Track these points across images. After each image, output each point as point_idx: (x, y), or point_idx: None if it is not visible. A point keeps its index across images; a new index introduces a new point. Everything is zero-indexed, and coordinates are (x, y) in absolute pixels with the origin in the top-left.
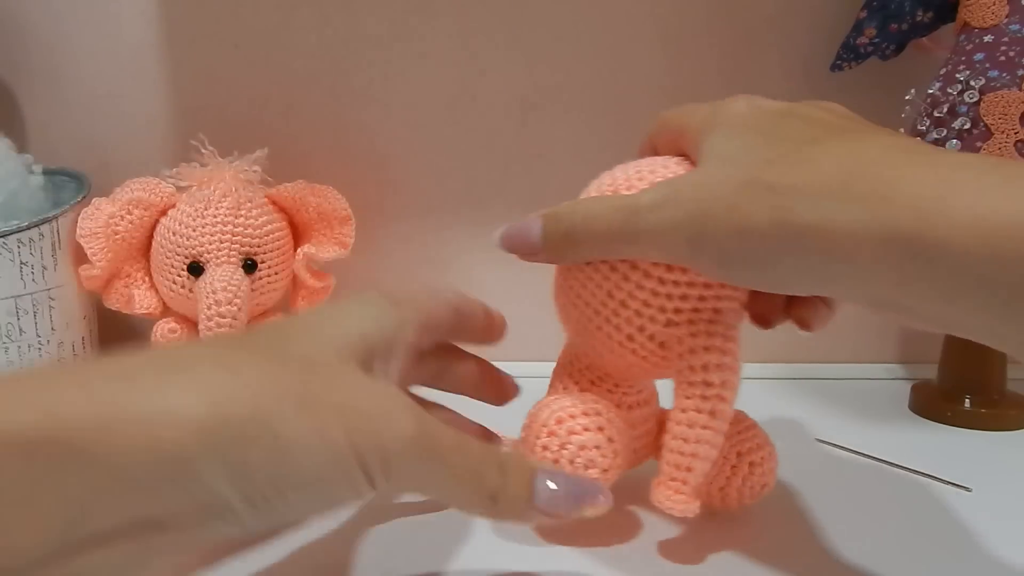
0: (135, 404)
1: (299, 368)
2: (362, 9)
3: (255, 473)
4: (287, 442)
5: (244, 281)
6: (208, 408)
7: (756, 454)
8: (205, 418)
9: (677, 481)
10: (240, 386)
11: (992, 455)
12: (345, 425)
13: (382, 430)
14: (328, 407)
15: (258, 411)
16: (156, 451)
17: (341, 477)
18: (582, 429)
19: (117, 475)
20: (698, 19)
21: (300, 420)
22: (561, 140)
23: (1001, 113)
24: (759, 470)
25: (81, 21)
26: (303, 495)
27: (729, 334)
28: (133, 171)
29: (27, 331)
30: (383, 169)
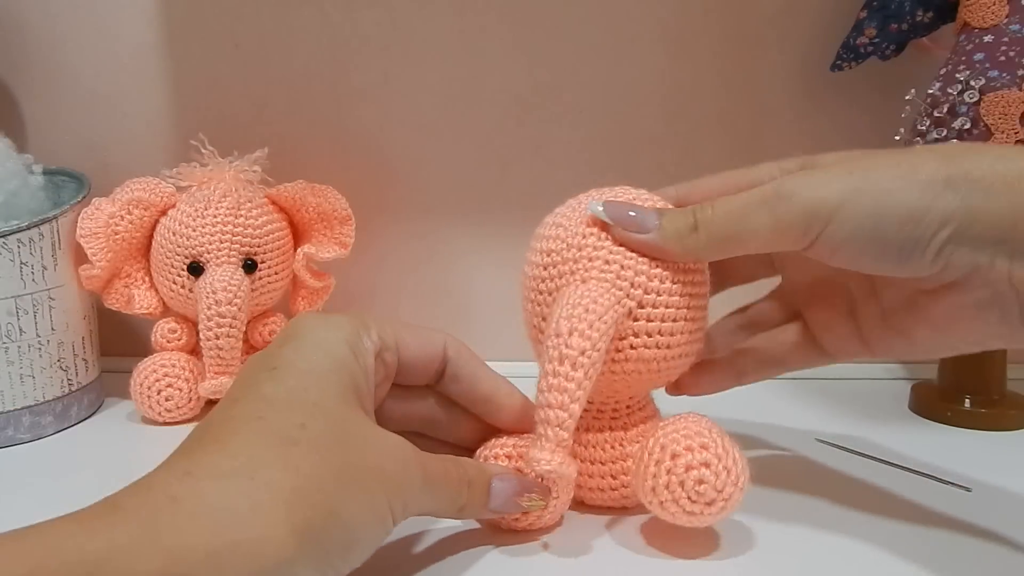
0: (234, 529)
1: (331, 436)
2: (362, 9)
3: (333, 556)
4: (352, 523)
5: (244, 281)
6: (294, 513)
7: (679, 444)
8: (296, 525)
9: (540, 437)
10: (307, 485)
11: (992, 455)
12: (384, 490)
13: (404, 485)
14: (368, 477)
15: (328, 501)
16: (265, 567)
17: (382, 531)
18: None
19: None
20: (698, 19)
21: (356, 501)
22: (561, 140)
23: (1001, 113)
24: (683, 461)
25: (81, 21)
26: (360, 556)
27: (585, 292)
28: (133, 171)
29: (27, 331)
30: (383, 169)
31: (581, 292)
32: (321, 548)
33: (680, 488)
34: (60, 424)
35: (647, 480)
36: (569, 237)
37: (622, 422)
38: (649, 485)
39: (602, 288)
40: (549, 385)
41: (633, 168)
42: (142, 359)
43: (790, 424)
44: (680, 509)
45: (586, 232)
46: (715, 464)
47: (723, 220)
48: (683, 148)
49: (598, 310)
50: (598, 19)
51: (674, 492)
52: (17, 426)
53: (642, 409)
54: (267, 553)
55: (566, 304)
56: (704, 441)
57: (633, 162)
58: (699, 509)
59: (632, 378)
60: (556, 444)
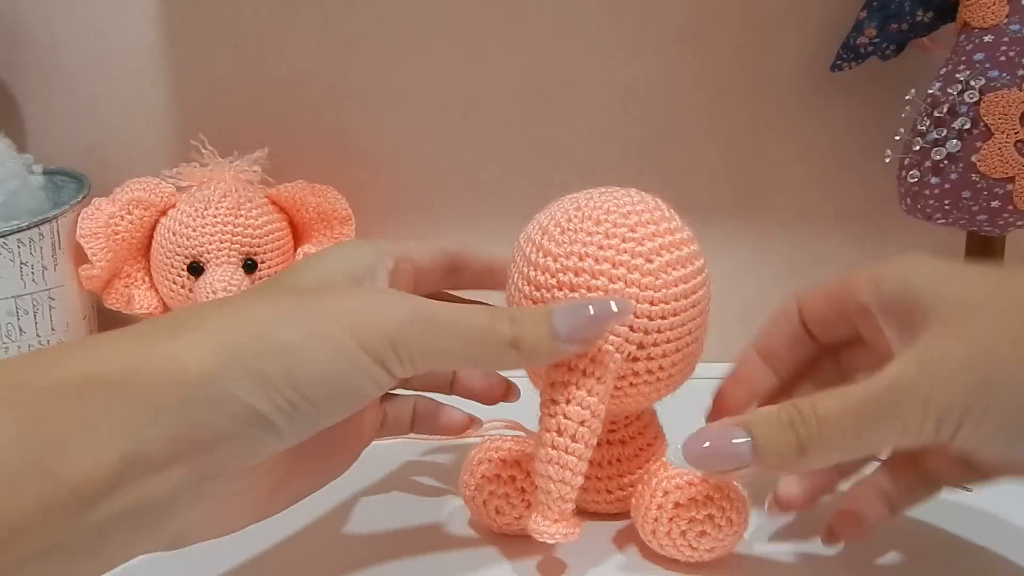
0: (160, 347)
1: (292, 292)
2: (362, 9)
3: (274, 380)
4: (290, 346)
5: (244, 281)
6: (221, 336)
7: (682, 492)
8: (220, 344)
9: (542, 505)
10: (243, 317)
11: None
12: (339, 321)
13: (377, 316)
14: (321, 310)
15: (261, 328)
16: (184, 380)
17: (351, 367)
18: (494, 475)
19: (157, 407)
20: (698, 19)
21: (297, 326)
22: (562, 140)
23: (1001, 113)
24: (685, 513)
25: (81, 21)
26: (323, 392)
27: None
28: (133, 171)
29: (27, 331)
30: (383, 169)
31: (586, 366)
32: (253, 368)
33: (682, 537)
34: None
35: (648, 522)
36: (560, 272)
37: (620, 435)
38: (650, 528)
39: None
40: (549, 457)
41: (633, 168)
42: None
43: None
44: (679, 552)
45: (578, 267)
46: (718, 517)
47: (836, 439)
48: (683, 148)
49: (597, 370)
50: (598, 19)
51: (675, 540)
52: None
53: (639, 418)
54: (187, 368)
55: (560, 364)
56: (709, 492)
57: (633, 162)
58: (697, 556)
59: (631, 404)
60: (559, 515)
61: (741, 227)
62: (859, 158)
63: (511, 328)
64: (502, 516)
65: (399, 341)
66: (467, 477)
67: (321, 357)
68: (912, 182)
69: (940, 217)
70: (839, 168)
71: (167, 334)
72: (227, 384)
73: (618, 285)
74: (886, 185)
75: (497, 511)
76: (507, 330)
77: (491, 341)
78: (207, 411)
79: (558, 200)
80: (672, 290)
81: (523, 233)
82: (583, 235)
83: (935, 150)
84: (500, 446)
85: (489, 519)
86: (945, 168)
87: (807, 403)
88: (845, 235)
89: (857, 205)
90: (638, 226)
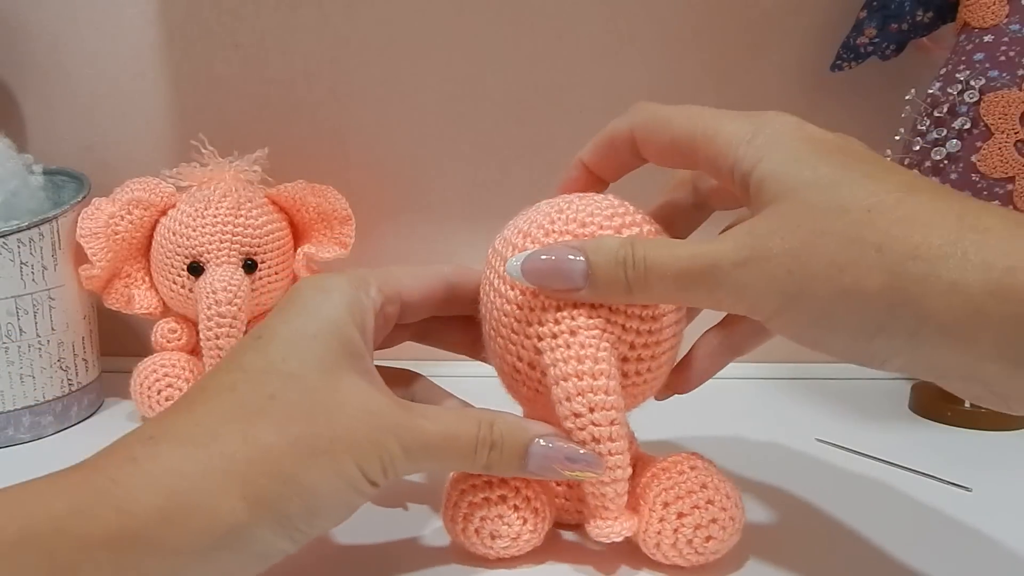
0: (186, 494)
1: (299, 407)
2: (362, 9)
3: (296, 520)
4: (315, 489)
5: (244, 281)
6: (248, 479)
7: (684, 502)
8: (249, 491)
9: (599, 508)
10: (263, 456)
11: (992, 455)
12: (354, 456)
13: (382, 450)
14: (334, 445)
15: (283, 468)
16: (217, 531)
17: (355, 494)
18: (482, 501)
19: (189, 555)
20: (698, 18)
21: (319, 468)
22: (560, 140)
23: (1001, 113)
24: (689, 520)
25: (81, 21)
26: (331, 518)
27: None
28: (133, 171)
29: (27, 331)
30: (383, 169)
31: (578, 354)
32: (279, 514)
33: (688, 545)
34: (60, 424)
35: (651, 536)
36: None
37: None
38: (653, 541)
39: (594, 338)
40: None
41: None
42: (142, 359)
43: (790, 424)
44: (686, 560)
45: None
46: (722, 517)
47: (658, 290)
48: None
49: (604, 369)
50: (598, 19)
51: (682, 550)
52: (17, 426)
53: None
54: (219, 518)
55: (569, 375)
56: (709, 496)
57: None
58: (704, 560)
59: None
60: (618, 512)
61: None
62: None
63: (488, 456)
64: (499, 540)
65: (390, 469)
66: (452, 511)
67: (342, 496)
68: None
69: None
70: None
71: (191, 461)
72: (256, 532)
73: None
74: None
75: (492, 536)
76: (483, 458)
77: (467, 464)
78: (235, 554)
79: (530, 208)
80: None
81: (499, 239)
82: (569, 237)
83: (935, 150)
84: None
85: (484, 548)
86: (945, 168)
87: (641, 247)
88: None
89: None
90: (623, 228)
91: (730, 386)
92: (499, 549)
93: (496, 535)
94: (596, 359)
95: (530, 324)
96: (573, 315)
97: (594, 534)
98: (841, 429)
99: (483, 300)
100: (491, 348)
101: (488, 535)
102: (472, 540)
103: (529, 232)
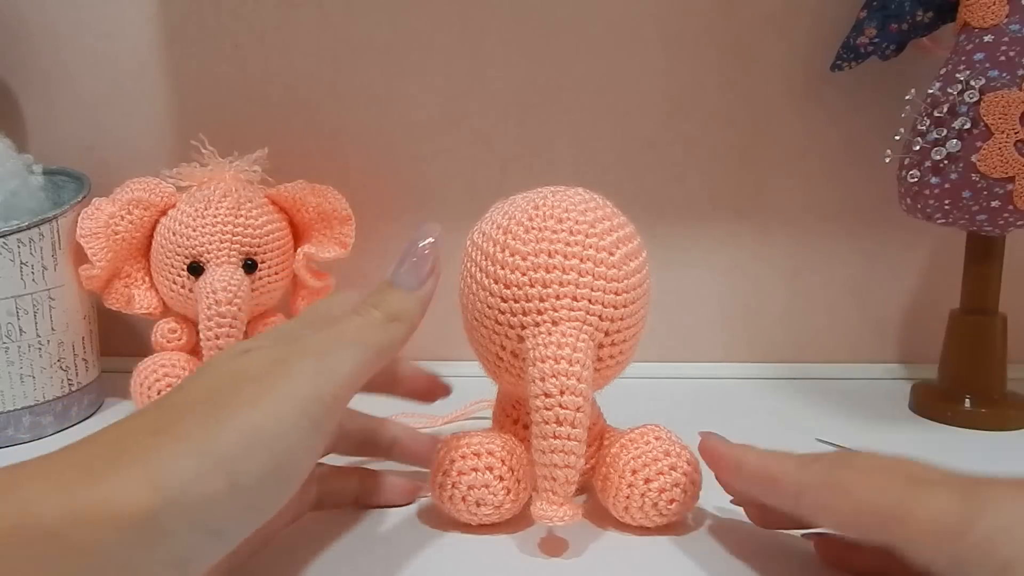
0: (96, 487)
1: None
2: (362, 9)
3: (218, 499)
4: (230, 454)
5: (244, 281)
6: (159, 465)
7: (650, 468)
8: (157, 477)
9: (547, 491)
10: (179, 434)
11: (992, 455)
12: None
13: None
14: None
15: (199, 445)
16: (120, 525)
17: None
18: (470, 469)
19: (94, 553)
20: (698, 18)
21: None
22: (561, 140)
23: (1001, 113)
24: (655, 485)
25: (81, 21)
26: (267, 488)
27: (563, 341)
28: (133, 171)
29: (27, 331)
30: (383, 169)
31: (558, 340)
32: (195, 495)
33: (654, 508)
34: (60, 424)
35: (620, 500)
36: (531, 269)
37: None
38: (623, 505)
39: (575, 329)
40: (553, 447)
41: (633, 168)
42: (142, 359)
43: (790, 424)
44: (651, 522)
45: (548, 264)
46: (684, 482)
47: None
48: (683, 148)
49: (580, 358)
50: (598, 19)
51: (648, 512)
52: (17, 426)
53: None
54: (123, 509)
55: (547, 358)
56: (673, 462)
57: (633, 162)
58: (666, 520)
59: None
60: (564, 499)
61: (741, 227)
62: (859, 159)
63: (387, 311)
64: (484, 507)
65: (339, 403)
66: (442, 477)
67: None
68: (912, 182)
69: (940, 217)
70: (839, 168)
71: (102, 468)
72: (166, 522)
73: (587, 279)
74: (886, 185)
75: (478, 503)
76: (376, 316)
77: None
78: (146, 551)
79: (506, 201)
80: (631, 280)
81: (477, 233)
82: (549, 233)
83: (935, 150)
84: (469, 442)
85: (469, 514)
86: (945, 168)
87: None
88: (845, 235)
89: (857, 205)
90: (596, 222)
91: (730, 386)
92: (482, 516)
93: (482, 503)
94: (575, 347)
95: (514, 315)
96: (556, 307)
97: (537, 514)
98: (841, 429)
99: (463, 292)
100: (473, 337)
101: (475, 503)
102: (459, 507)
103: (510, 229)
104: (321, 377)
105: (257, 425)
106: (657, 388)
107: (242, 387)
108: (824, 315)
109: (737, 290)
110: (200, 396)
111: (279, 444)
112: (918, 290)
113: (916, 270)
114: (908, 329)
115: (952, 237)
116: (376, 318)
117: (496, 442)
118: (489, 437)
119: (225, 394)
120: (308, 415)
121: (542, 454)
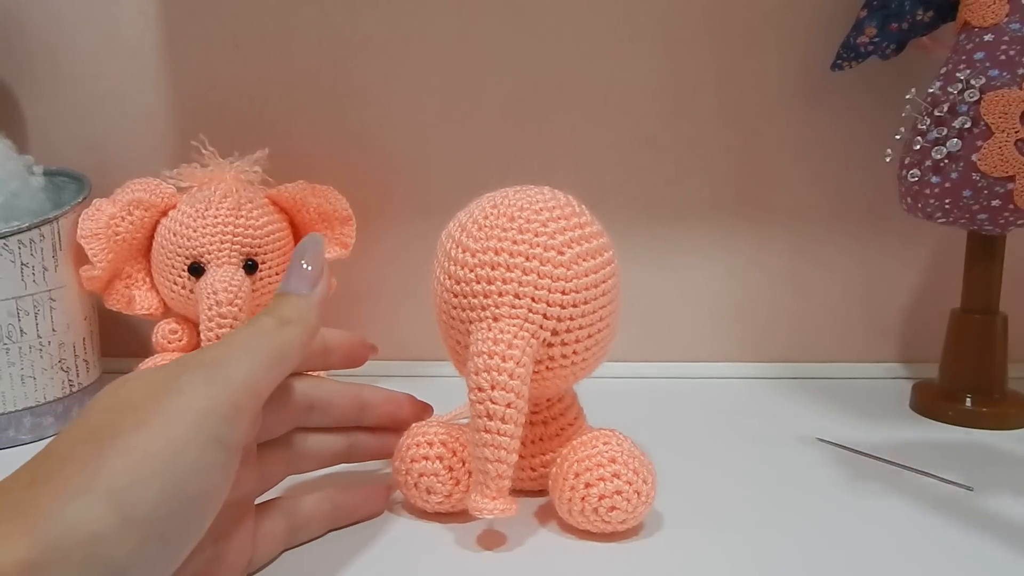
0: None
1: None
2: (362, 9)
3: (108, 535)
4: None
5: (245, 282)
6: (38, 518)
7: (591, 473)
8: (38, 528)
9: (480, 485)
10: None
11: (993, 454)
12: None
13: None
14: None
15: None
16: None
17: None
18: (421, 458)
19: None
20: (697, 18)
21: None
22: (560, 140)
23: (1001, 112)
24: (595, 491)
25: (81, 21)
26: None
27: (500, 337)
28: (133, 171)
29: (28, 332)
30: (383, 169)
31: (495, 336)
32: (83, 534)
33: (595, 513)
34: (61, 425)
35: (563, 502)
36: (478, 266)
37: (542, 416)
38: (565, 508)
39: (515, 327)
40: (483, 441)
41: (632, 168)
42: (143, 360)
43: (790, 424)
44: (593, 527)
45: (494, 261)
46: (626, 490)
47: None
48: (683, 148)
49: (515, 355)
50: (598, 19)
51: (589, 516)
52: (18, 427)
53: (560, 400)
54: (3, 565)
55: (482, 352)
56: (616, 469)
57: (632, 162)
58: (611, 528)
59: (549, 387)
60: (496, 493)
61: (741, 227)
62: (859, 158)
63: (278, 316)
64: (433, 495)
65: (240, 412)
66: (398, 462)
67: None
68: (912, 181)
69: (940, 216)
70: (839, 168)
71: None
72: (53, 569)
73: (531, 277)
74: (886, 185)
75: (428, 491)
76: (273, 320)
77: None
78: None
79: (479, 198)
80: (583, 280)
81: (445, 230)
82: (498, 231)
83: (935, 149)
84: (427, 431)
85: (422, 500)
86: (946, 167)
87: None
88: (845, 235)
89: (857, 205)
90: (549, 221)
91: (730, 386)
92: (434, 504)
93: (431, 491)
94: (510, 344)
95: (463, 310)
96: (498, 303)
97: (470, 507)
98: (841, 429)
99: (434, 287)
100: (440, 328)
101: (425, 490)
102: (412, 493)
103: (466, 226)
104: (214, 387)
105: (145, 449)
106: (657, 388)
107: (125, 415)
108: (824, 315)
109: (737, 290)
110: (81, 436)
111: (176, 465)
112: (919, 289)
113: (917, 269)
114: (909, 328)
115: (953, 236)
116: (267, 323)
117: (452, 433)
118: (447, 428)
119: (108, 426)
120: (205, 430)
121: (474, 447)
